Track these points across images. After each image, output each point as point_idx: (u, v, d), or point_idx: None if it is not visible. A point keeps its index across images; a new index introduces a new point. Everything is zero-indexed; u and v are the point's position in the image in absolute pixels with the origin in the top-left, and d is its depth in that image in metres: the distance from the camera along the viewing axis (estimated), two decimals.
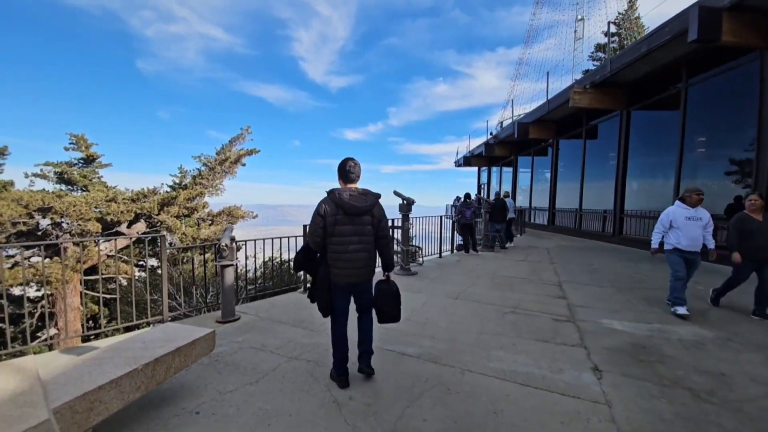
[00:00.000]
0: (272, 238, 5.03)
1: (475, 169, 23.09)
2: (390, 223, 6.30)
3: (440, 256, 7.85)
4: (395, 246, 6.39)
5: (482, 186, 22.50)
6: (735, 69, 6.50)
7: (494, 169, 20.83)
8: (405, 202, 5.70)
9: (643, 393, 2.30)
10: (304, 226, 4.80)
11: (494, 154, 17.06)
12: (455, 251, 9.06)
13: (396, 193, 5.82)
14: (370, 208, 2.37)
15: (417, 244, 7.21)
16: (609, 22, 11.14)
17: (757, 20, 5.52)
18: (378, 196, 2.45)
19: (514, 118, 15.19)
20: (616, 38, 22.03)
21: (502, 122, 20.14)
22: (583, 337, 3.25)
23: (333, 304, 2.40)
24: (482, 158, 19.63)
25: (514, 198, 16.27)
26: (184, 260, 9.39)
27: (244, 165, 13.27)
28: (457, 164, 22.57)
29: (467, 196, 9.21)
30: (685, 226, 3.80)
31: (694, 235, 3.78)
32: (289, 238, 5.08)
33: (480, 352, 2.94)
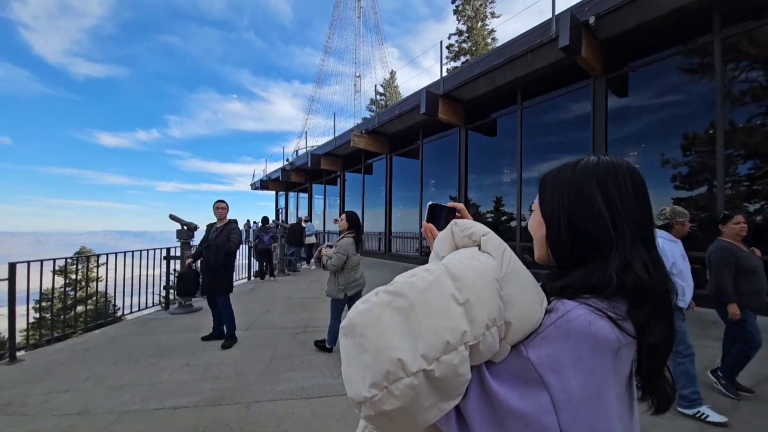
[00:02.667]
0: None
1: (273, 192, 23.00)
2: (165, 253, 5.30)
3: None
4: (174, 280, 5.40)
5: (280, 210, 22.60)
6: (448, 136, 9.72)
7: (291, 194, 21.45)
8: (184, 227, 4.96)
9: None
10: (11, 264, 3.35)
11: (291, 179, 17.64)
12: (252, 278, 8.60)
13: (173, 218, 4.98)
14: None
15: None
16: (376, 85, 14.12)
17: (457, 107, 8.55)
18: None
19: (309, 148, 16.42)
20: (383, 97, 28.22)
21: (297, 150, 21.24)
22: None
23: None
24: (279, 183, 19.84)
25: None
26: None
27: None
28: (254, 187, 21.76)
29: (264, 220, 9.04)
30: (686, 269, 2.46)
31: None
32: None
33: (269, 379, 2.92)
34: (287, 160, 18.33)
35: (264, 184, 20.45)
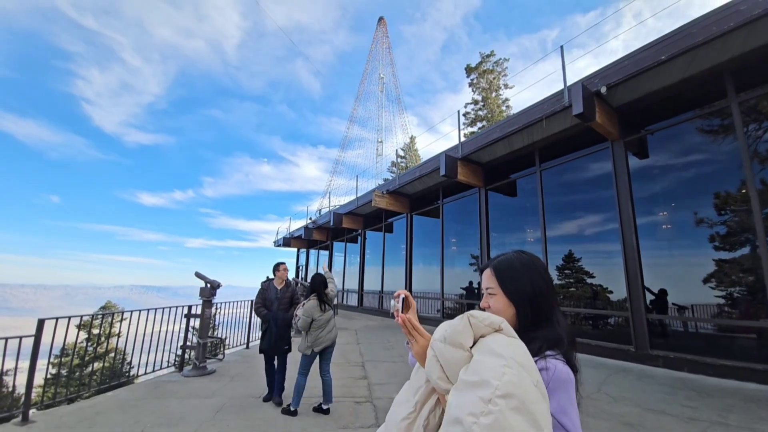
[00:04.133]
0: None
1: (295, 250, 23.38)
2: (187, 311, 5.32)
3: (248, 347, 7.02)
4: (194, 339, 5.32)
5: (300, 267, 22.72)
6: (468, 196, 9.86)
7: (312, 251, 21.72)
8: (208, 285, 5.02)
9: None
10: (40, 321, 3.43)
11: (313, 237, 18.00)
12: None
13: (198, 275, 5.08)
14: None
15: (220, 335, 6.24)
16: (397, 149, 14.94)
17: (476, 169, 8.80)
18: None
19: (331, 207, 16.99)
20: (404, 160, 29.63)
21: (320, 210, 22.00)
22: (378, 417, 3.51)
23: None
24: (302, 240, 20.25)
25: None
26: None
27: None
28: (277, 244, 22.28)
29: None
30: None
31: None
32: None
33: None
34: (310, 218, 18.92)
35: (287, 241, 20.93)
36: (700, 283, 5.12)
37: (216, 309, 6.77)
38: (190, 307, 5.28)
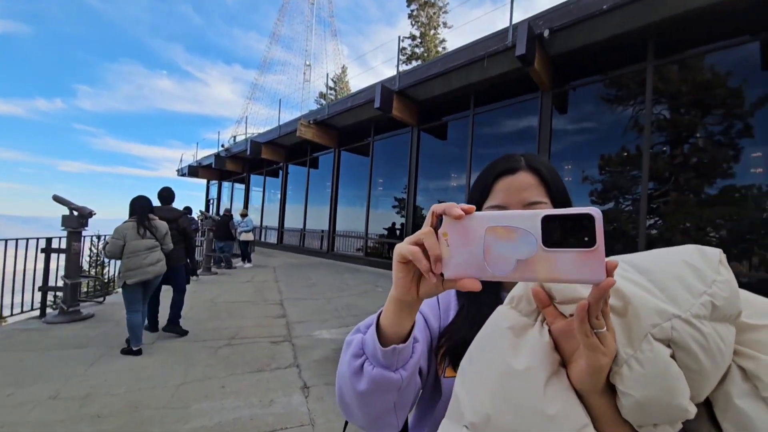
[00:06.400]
0: None
1: (204, 181, 20.78)
2: (45, 244, 4.15)
3: None
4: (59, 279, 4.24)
5: (211, 201, 20.50)
6: (400, 135, 9.50)
7: (225, 184, 19.59)
8: (73, 212, 3.89)
9: None
10: None
11: (225, 167, 16.03)
12: None
13: (58, 200, 3.86)
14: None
15: (98, 275, 5.16)
16: (327, 75, 13.47)
17: (411, 106, 8.35)
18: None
19: (248, 135, 15.04)
20: (333, 92, 27.41)
21: (235, 137, 19.48)
22: (297, 355, 3.31)
23: None
24: (212, 171, 17.94)
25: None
26: None
27: None
28: (180, 173, 19.40)
29: (187, 210, 7.86)
30: None
31: None
32: None
33: (175, 413, 2.27)
34: (223, 145, 16.63)
35: (193, 170, 18.32)
36: None
37: (101, 242, 5.54)
38: (49, 240, 4.10)
